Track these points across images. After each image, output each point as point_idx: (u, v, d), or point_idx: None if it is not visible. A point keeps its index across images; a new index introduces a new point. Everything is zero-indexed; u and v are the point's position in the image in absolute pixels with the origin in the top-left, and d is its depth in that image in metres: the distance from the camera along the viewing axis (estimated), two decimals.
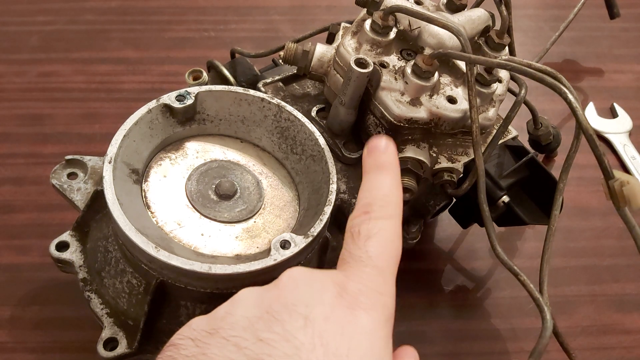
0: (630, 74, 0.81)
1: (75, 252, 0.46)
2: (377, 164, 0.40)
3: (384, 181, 0.39)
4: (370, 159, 0.41)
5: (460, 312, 0.57)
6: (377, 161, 0.40)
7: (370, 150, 0.41)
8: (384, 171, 0.40)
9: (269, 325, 0.32)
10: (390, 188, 0.39)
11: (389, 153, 0.41)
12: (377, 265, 0.35)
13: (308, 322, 0.31)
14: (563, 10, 0.77)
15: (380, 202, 0.37)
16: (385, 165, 0.40)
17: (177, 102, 0.45)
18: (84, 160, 0.50)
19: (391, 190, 0.39)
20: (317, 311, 0.32)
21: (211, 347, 0.31)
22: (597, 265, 0.61)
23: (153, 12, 0.81)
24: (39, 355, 0.51)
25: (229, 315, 0.33)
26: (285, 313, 0.32)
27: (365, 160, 0.41)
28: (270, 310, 0.32)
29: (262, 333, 0.31)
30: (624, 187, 0.37)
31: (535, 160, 0.52)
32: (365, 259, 0.35)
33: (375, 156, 0.41)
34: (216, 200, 0.45)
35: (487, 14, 0.49)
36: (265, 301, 0.33)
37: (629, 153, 0.71)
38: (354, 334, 0.32)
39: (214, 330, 0.32)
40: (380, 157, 0.41)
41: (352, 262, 0.35)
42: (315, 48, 0.48)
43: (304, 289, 0.33)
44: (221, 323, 0.32)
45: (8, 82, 0.71)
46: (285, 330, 0.31)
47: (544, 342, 0.38)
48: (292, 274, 0.35)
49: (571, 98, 0.38)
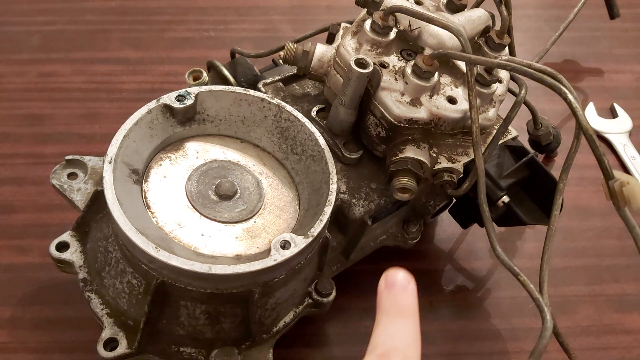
0: (630, 74, 0.81)
1: (75, 253, 0.46)
2: (398, 306, 0.36)
3: (406, 331, 0.35)
4: (390, 297, 0.36)
5: (461, 312, 0.57)
6: (398, 303, 0.36)
7: (389, 285, 0.37)
8: (405, 318, 0.36)
9: None
10: (413, 340, 0.35)
11: (410, 293, 0.37)
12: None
13: None
14: (563, 10, 0.77)
15: (400, 355, 0.34)
16: (407, 312, 0.36)
17: (177, 103, 0.45)
18: (84, 161, 0.50)
19: (414, 343, 0.35)
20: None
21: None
22: (597, 265, 0.61)
23: (153, 12, 0.81)
24: (39, 355, 0.51)
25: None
26: None
27: (382, 297, 0.37)
28: None
29: None
30: (624, 187, 0.37)
31: (535, 161, 0.52)
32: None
33: (396, 296, 0.36)
34: (216, 200, 0.45)
35: (487, 14, 0.49)
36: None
37: (629, 153, 0.71)
38: None
39: None
40: (401, 298, 0.36)
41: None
42: (315, 48, 0.48)
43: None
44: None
45: (8, 82, 0.71)
46: None
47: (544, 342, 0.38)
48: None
49: (571, 98, 0.38)
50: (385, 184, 0.48)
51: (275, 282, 0.42)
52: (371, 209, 0.47)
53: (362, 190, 0.48)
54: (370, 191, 0.48)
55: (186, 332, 0.43)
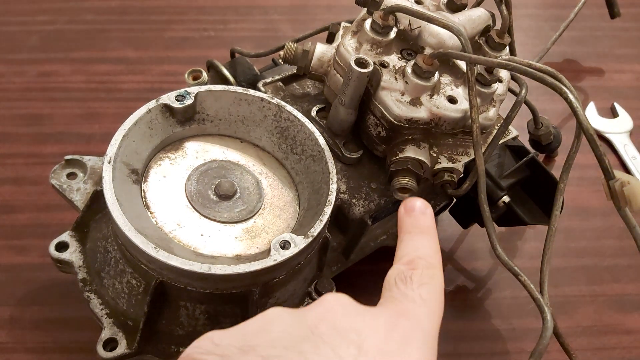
0: (631, 74, 0.81)
1: (74, 253, 0.46)
2: (419, 226, 0.39)
3: (428, 244, 0.38)
4: (410, 219, 0.40)
5: (461, 313, 0.57)
6: (418, 223, 0.40)
7: (408, 210, 0.40)
8: (426, 235, 0.39)
9: (317, 346, 0.29)
10: (435, 251, 0.38)
11: (429, 216, 0.40)
12: (430, 309, 0.34)
13: (361, 351, 0.30)
14: (563, 10, 0.77)
15: (425, 262, 0.36)
16: (428, 230, 0.39)
17: (177, 102, 0.45)
18: (84, 161, 0.50)
19: (436, 253, 0.38)
20: (371, 341, 0.30)
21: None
22: (598, 265, 0.61)
23: (153, 11, 0.81)
24: (39, 355, 0.51)
25: (264, 331, 0.30)
26: (337, 337, 0.30)
27: (403, 220, 0.40)
28: (316, 331, 0.30)
29: (310, 355, 0.29)
30: (625, 187, 0.37)
31: (536, 160, 0.52)
32: (419, 301, 0.34)
33: (416, 217, 0.40)
34: (216, 200, 0.44)
35: (487, 14, 0.49)
36: (309, 320, 0.31)
37: (629, 153, 0.71)
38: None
39: (249, 347, 0.29)
40: (420, 219, 0.40)
41: (405, 301, 0.34)
42: (315, 48, 0.48)
43: (355, 316, 0.32)
44: (256, 340, 0.30)
45: (8, 82, 0.71)
46: (337, 356, 0.29)
47: (544, 343, 0.38)
48: (339, 299, 0.33)
49: (572, 98, 0.38)
50: (385, 183, 0.48)
51: (275, 282, 0.42)
52: (371, 208, 0.47)
53: (362, 190, 0.48)
54: (370, 191, 0.48)
55: (186, 332, 0.43)
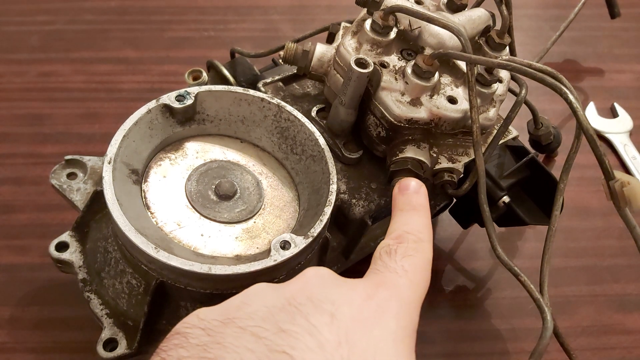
0: (631, 74, 0.81)
1: (74, 253, 0.46)
2: (411, 204, 0.40)
3: (418, 220, 0.39)
4: (403, 197, 0.41)
5: (461, 313, 0.57)
6: (411, 201, 0.40)
7: (402, 189, 0.41)
8: (418, 212, 0.40)
9: (292, 316, 0.30)
10: (425, 226, 0.38)
11: (422, 195, 0.41)
12: (411, 280, 0.34)
13: (334, 319, 0.31)
14: (563, 10, 0.77)
15: (413, 237, 0.37)
16: (420, 207, 0.40)
17: (177, 102, 0.45)
18: (84, 161, 0.50)
19: (425, 229, 0.38)
20: (344, 310, 0.31)
21: (226, 336, 0.30)
22: (598, 265, 0.61)
23: (153, 11, 0.81)
24: (39, 355, 0.51)
25: (245, 305, 0.32)
26: (310, 306, 0.31)
27: (396, 198, 0.41)
28: (293, 302, 0.31)
29: (284, 324, 0.30)
30: (625, 187, 0.37)
31: (536, 161, 0.52)
32: (400, 272, 0.34)
33: (408, 196, 0.41)
34: (216, 200, 0.44)
35: (487, 14, 0.49)
36: (287, 292, 0.32)
37: (629, 153, 0.71)
38: (382, 338, 0.31)
39: (229, 319, 0.31)
40: (413, 197, 0.41)
41: (386, 272, 0.34)
42: (315, 48, 0.48)
43: (331, 288, 0.33)
44: (237, 313, 0.31)
45: (8, 82, 0.71)
46: (310, 324, 0.30)
47: (544, 343, 0.38)
48: (318, 272, 0.34)
49: (572, 98, 0.38)
50: (385, 183, 0.48)
51: (275, 282, 0.41)
52: (371, 209, 0.47)
53: (362, 190, 0.48)
54: (371, 191, 0.48)
55: None
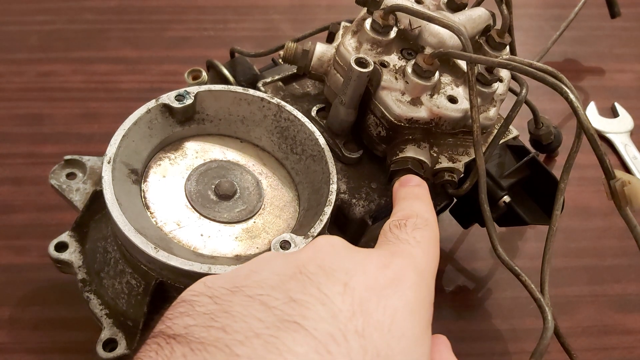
0: (632, 74, 0.81)
1: (74, 253, 0.46)
2: (413, 193, 0.40)
3: (422, 206, 0.38)
4: (405, 189, 0.40)
5: (461, 313, 0.57)
6: (413, 192, 0.40)
7: (403, 183, 0.41)
8: (421, 200, 0.39)
9: (304, 285, 0.29)
10: (430, 211, 0.38)
11: (424, 188, 0.41)
12: (424, 250, 0.33)
13: (348, 288, 0.29)
14: (564, 10, 0.77)
15: (419, 218, 0.36)
16: (422, 197, 0.39)
17: (177, 102, 0.45)
18: (83, 161, 0.50)
19: (430, 213, 0.37)
20: (358, 279, 0.30)
21: (234, 304, 0.28)
22: (599, 265, 0.61)
23: (152, 11, 0.81)
24: (38, 355, 0.51)
25: (253, 273, 0.30)
26: (323, 275, 0.29)
27: (398, 191, 0.41)
28: (304, 271, 0.30)
29: (295, 294, 0.28)
30: (626, 187, 0.37)
31: (536, 160, 0.52)
32: (413, 243, 0.33)
33: (411, 187, 0.41)
34: (216, 200, 0.44)
35: (487, 13, 0.49)
36: (298, 261, 0.30)
37: (630, 153, 0.71)
38: (399, 308, 0.29)
39: (237, 288, 0.29)
40: (414, 188, 0.40)
41: (398, 243, 0.33)
42: (315, 47, 0.48)
43: (344, 256, 0.31)
44: (245, 281, 0.30)
45: (7, 82, 0.71)
46: (322, 293, 0.29)
47: (545, 343, 0.38)
48: (330, 240, 0.33)
49: (572, 97, 0.38)
50: (385, 183, 0.48)
51: None
52: (371, 208, 0.47)
53: (362, 190, 0.48)
54: (371, 191, 0.48)
55: None
